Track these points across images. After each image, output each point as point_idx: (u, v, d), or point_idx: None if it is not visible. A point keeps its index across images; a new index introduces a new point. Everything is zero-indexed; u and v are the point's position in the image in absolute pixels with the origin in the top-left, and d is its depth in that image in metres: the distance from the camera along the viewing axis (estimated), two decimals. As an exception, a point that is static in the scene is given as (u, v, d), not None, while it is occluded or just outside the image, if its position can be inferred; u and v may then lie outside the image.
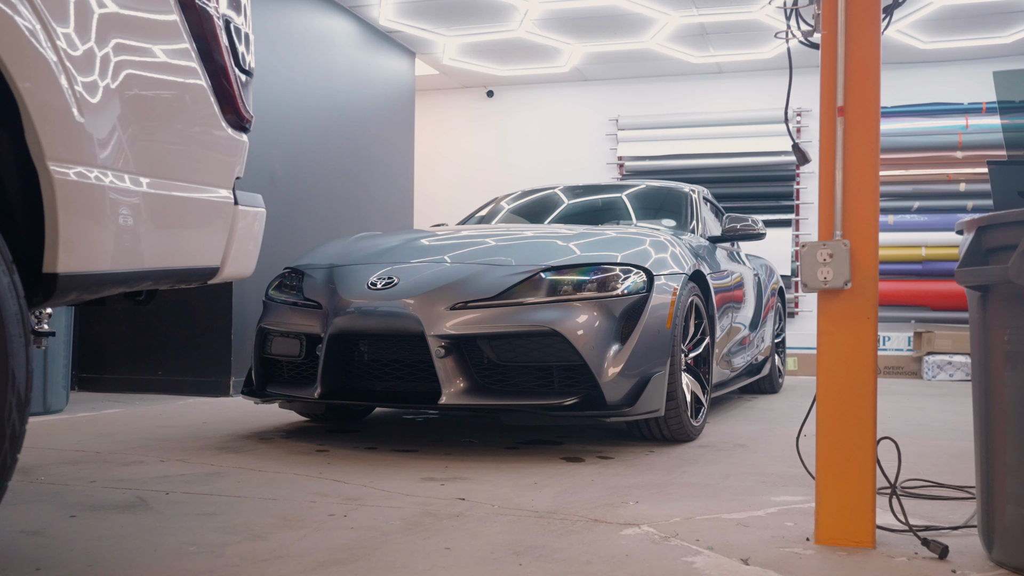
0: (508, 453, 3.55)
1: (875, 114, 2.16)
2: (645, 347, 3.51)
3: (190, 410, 5.00)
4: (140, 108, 1.93)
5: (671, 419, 3.71)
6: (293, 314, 3.77)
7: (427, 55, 8.64)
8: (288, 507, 2.56)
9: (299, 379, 3.79)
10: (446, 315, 3.40)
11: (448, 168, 9.94)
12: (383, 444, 3.73)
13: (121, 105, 1.86)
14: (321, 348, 3.53)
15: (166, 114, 2.02)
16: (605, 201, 5.52)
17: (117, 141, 1.85)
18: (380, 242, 4.15)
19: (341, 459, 3.37)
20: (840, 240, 2.13)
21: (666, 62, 8.85)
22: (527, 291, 3.48)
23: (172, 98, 2.04)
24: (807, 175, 8.98)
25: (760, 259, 6.43)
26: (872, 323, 2.15)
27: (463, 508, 2.56)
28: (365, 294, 3.53)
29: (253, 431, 4.11)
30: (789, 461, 3.40)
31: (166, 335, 5.94)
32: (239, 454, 3.47)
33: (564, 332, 3.36)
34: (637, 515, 2.49)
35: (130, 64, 1.89)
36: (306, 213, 6.65)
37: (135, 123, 1.91)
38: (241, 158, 2.33)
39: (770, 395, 6.24)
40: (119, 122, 1.86)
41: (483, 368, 3.44)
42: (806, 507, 2.60)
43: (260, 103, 6.07)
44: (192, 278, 2.22)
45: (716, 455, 3.55)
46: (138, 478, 2.98)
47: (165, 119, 2.02)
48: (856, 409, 2.15)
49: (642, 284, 3.59)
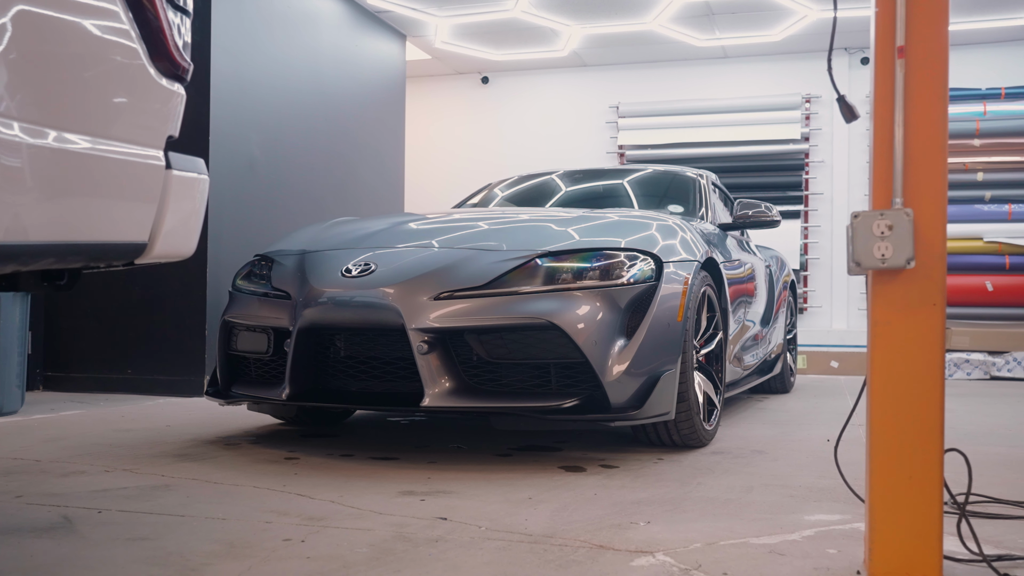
0: (500, 461, 3.16)
1: (943, 54, 1.77)
2: (654, 342, 3.12)
3: (157, 411, 4.60)
4: (34, 42, 1.54)
5: (682, 423, 3.32)
6: (260, 306, 3.38)
7: (419, 37, 8.24)
8: (237, 529, 2.17)
9: (267, 378, 3.40)
10: (430, 306, 3.01)
11: (442, 158, 9.54)
12: (361, 450, 3.34)
13: (5, 36, 1.47)
14: (289, 343, 3.14)
15: (73, 53, 1.63)
16: (607, 187, 5.12)
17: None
18: (361, 226, 3.75)
19: (311, 469, 2.98)
20: (901, 209, 1.74)
21: (669, 45, 8.46)
22: (521, 279, 3.09)
23: (80, 33, 1.65)
24: (816, 164, 8.59)
25: (770, 250, 6.04)
26: (940, 311, 1.76)
27: (444, 531, 2.17)
28: (338, 282, 3.14)
29: (219, 435, 3.72)
30: (816, 470, 3.01)
31: (136, 331, 5.55)
32: (196, 462, 3.08)
33: (563, 325, 2.97)
34: (649, 539, 2.10)
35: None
36: (288, 201, 6.25)
37: (28, 61, 1.52)
38: (175, 113, 1.94)
39: (782, 395, 5.85)
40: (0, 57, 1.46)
41: (471, 366, 3.05)
42: (848, 529, 2.22)
43: (238, 83, 5.68)
44: (111, 256, 1.83)
45: (733, 463, 3.17)
46: (73, 492, 2.59)
47: (72, 59, 1.63)
48: (920, 415, 1.76)
49: (650, 272, 3.21)
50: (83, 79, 1.67)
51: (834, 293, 8.52)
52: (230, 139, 5.62)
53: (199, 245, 5.48)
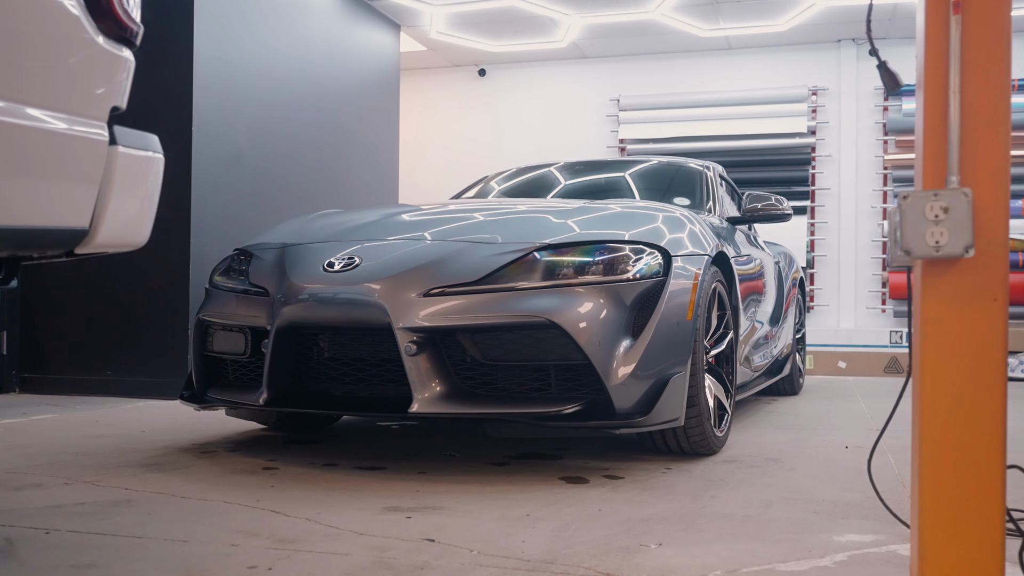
0: (496, 472, 2.92)
1: (1005, 9, 1.53)
2: (662, 342, 2.88)
3: (134, 415, 4.36)
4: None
5: (692, 429, 3.08)
6: (237, 303, 3.13)
7: (413, 27, 7.99)
8: (198, 555, 1.93)
9: (245, 381, 3.16)
10: (419, 303, 2.77)
11: (438, 153, 9.29)
12: (346, 459, 3.10)
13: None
14: (267, 344, 2.90)
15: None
16: (608, 180, 4.88)
17: None
18: (348, 218, 3.51)
19: (290, 480, 2.74)
20: (959, 189, 1.50)
21: (671, 36, 8.21)
22: (518, 274, 2.84)
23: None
24: (823, 159, 8.35)
25: (778, 246, 5.81)
26: (1001, 307, 1.52)
27: (431, 555, 1.93)
28: (320, 277, 2.90)
29: (196, 442, 3.48)
30: (839, 481, 2.77)
31: (117, 331, 5.30)
32: (165, 473, 2.84)
33: (563, 324, 2.73)
34: (663, 566, 1.86)
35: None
36: (277, 195, 6.00)
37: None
38: (121, 81, 1.69)
39: (790, 397, 5.62)
40: None
41: (464, 368, 2.80)
42: (885, 552, 1.98)
43: (224, 71, 5.43)
44: (45, 243, 1.58)
45: (748, 474, 2.93)
46: (23, 509, 2.35)
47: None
48: (979, 428, 1.52)
49: (657, 267, 2.96)
50: (7, 37, 1.42)
51: (841, 291, 8.28)
52: (215, 129, 5.38)
53: (182, 241, 5.26)
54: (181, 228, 5.18)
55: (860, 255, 8.26)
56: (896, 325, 8.07)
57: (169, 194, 5.32)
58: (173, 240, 5.17)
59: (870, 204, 8.24)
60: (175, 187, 5.19)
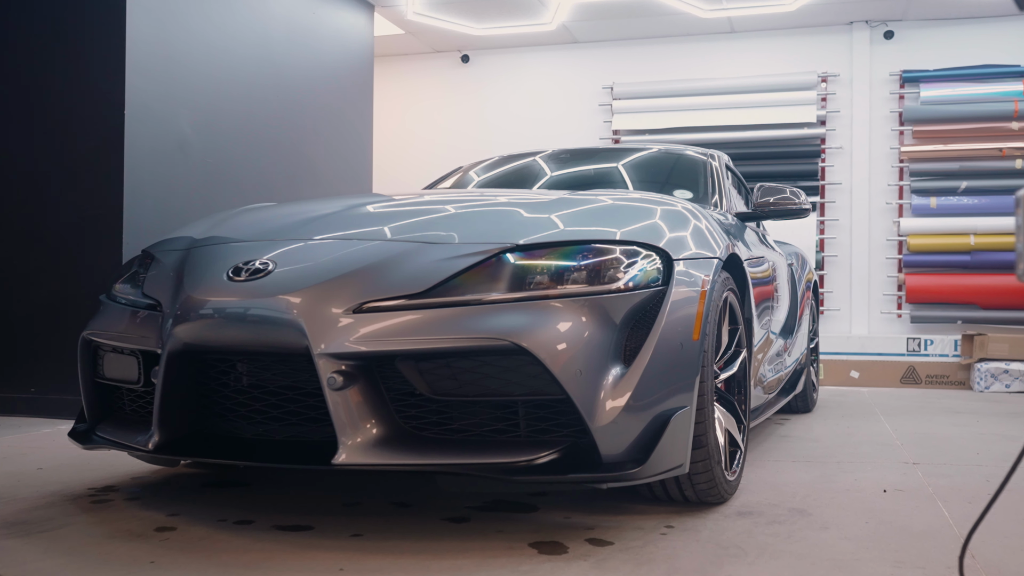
0: (450, 533, 2.30)
1: None
2: (661, 370, 2.26)
3: (43, 444, 3.73)
4: None
5: (698, 475, 2.47)
6: (130, 320, 2.50)
7: (388, 7, 7.36)
8: None
9: (143, 415, 2.53)
10: (348, 321, 2.14)
11: (419, 145, 8.67)
12: (266, 513, 2.48)
13: None
14: (157, 372, 2.27)
15: None
16: (599, 171, 4.25)
17: None
18: (281, 212, 2.88)
19: (184, 548, 2.11)
20: None
21: (669, 17, 7.59)
22: (478, 283, 2.21)
23: None
24: (833, 151, 7.74)
25: (789, 245, 5.20)
26: None
27: None
28: (222, 288, 2.26)
29: (94, 484, 2.85)
30: (888, 548, 2.16)
31: (40, 341, 4.68)
32: (28, 538, 2.21)
33: (534, 348, 2.10)
34: None
35: None
36: (229, 189, 5.37)
37: None
38: None
39: (804, 415, 5.00)
40: None
41: (408, 405, 2.18)
42: None
43: (164, 50, 4.79)
44: None
45: (770, 535, 2.30)
46: None
47: None
48: None
49: (656, 273, 2.34)
50: None
51: (854, 295, 7.67)
52: (153, 115, 4.75)
53: (113, 239, 4.60)
54: (113, 224, 4.55)
55: (874, 256, 7.66)
56: (913, 332, 7.46)
57: (99, 186, 4.72)
58: (103, 238, 4.56)
59: (884, 200, 7.63)
60: (105, 178, 4.57)
